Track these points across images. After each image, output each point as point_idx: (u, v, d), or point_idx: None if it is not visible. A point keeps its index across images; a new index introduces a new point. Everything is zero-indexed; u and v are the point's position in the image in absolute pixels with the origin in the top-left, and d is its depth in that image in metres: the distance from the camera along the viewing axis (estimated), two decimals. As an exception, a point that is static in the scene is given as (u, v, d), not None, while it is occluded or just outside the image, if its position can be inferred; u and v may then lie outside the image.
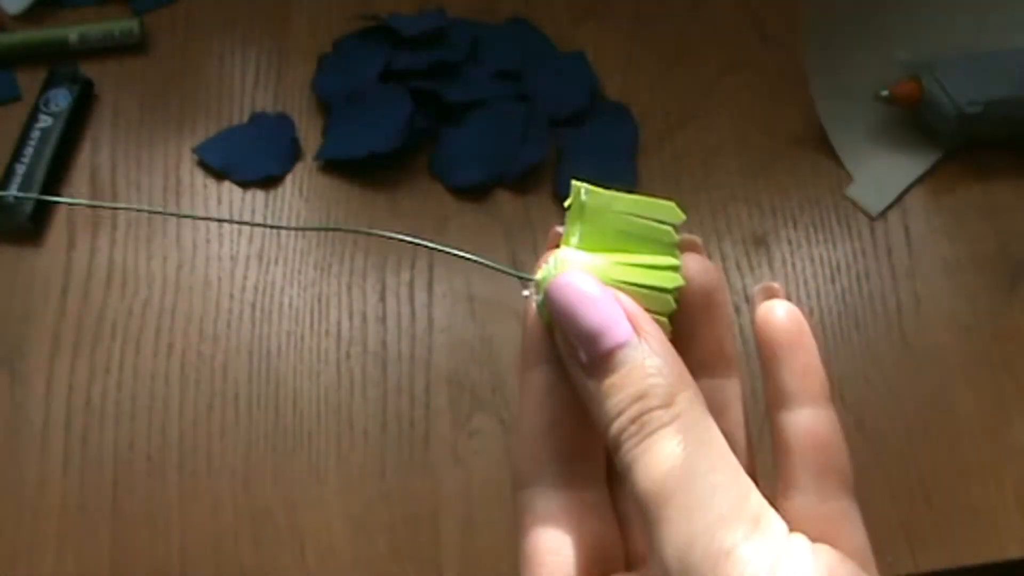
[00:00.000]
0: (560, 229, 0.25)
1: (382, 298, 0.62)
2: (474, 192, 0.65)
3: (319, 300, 0.62)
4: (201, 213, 0.65)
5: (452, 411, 0.59)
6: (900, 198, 0.65)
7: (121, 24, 0.69)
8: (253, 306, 0.62)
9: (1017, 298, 0.62)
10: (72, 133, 0.67)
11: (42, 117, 0.66)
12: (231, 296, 0.62)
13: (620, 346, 0.22)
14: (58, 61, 0.69)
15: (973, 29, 0.67)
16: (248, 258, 0.63)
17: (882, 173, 0.66)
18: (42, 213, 0.64)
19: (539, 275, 0.24)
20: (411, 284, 0.62)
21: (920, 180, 0.66)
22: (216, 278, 0.63)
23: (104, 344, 0.61)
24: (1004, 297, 0.62)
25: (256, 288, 0.62)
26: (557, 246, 0.25)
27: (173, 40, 0.71)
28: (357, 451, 0.58)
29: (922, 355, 0.60)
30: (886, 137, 0.67)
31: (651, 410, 0.21)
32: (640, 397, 0.21)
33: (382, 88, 0.67)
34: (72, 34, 0.69)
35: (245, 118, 0.68)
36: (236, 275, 0.63)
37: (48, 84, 0.67)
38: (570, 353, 0.22)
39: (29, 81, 0.69)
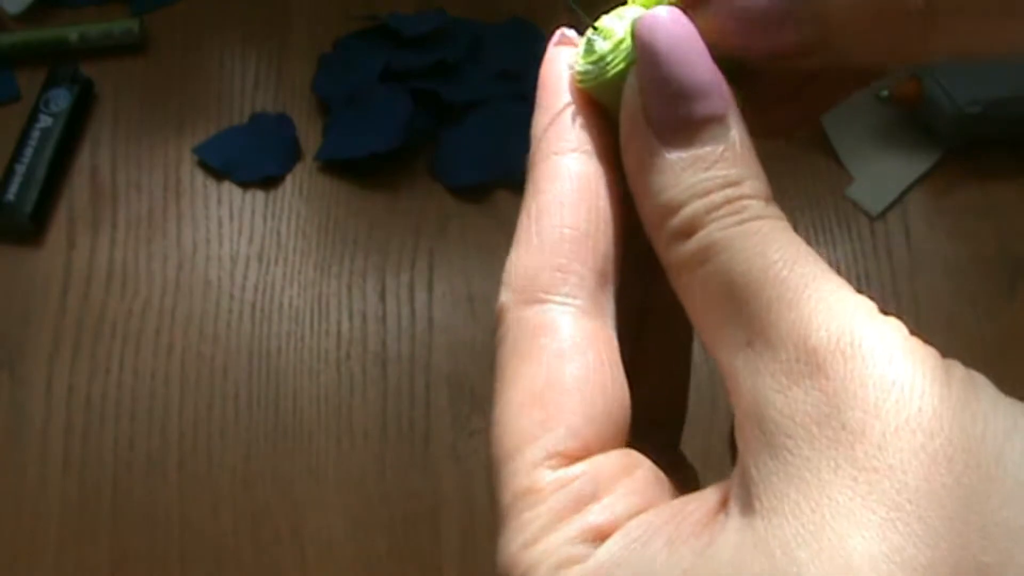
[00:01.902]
0: None
1: (382, 298, 0.62)
2: (474, 192, 0.65)
3: (319, 300, 0.62)
4: (201, 213, 0.65)
5: (452, 411, 0.59)
6: (900, 198, 0.65)
7: (121, 24, 0.69)
8: (253, 306, 0.62)
9: (1017, 298, 0.62)
10: (72, 133, 0.67)
11: (42, 117, 0.66)
12: (231, 296, 0.62)
13: (718, 119, 0.18)
14: (58, 61, 0.69)
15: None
16: (248, 258, 0.63)
17: (882, 173, 0.66)
18: (42, 213, 0.64)
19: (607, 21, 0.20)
20: (411, 284, 0.62)
21: (920, 180, 0.66)
22: (216, 278, 0.63)
23: (104, 344, 0.61)
24: (1004, 297, 0.62)
25: (256, 288, 0.62)
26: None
27: (173, 40, 0.71)
28: (357, 451, 0.58)
29: (922, 355, 0.60)
30: (886, 137, 0.67)
31: (748, 197, 0.17)
32: (737, 182, 0.17)
33: (382, 88, 0.67)
34: (72, 34, 0.69)
35: (245, 118, 0.68)
36: (236, 275, 0.63)
37: (48, 84, 0.67)
38: (654, 107, 0.18)
39: (29, 81, 0.69)
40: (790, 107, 0.22)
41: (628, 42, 0.19)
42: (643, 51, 0.18)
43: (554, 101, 0.20)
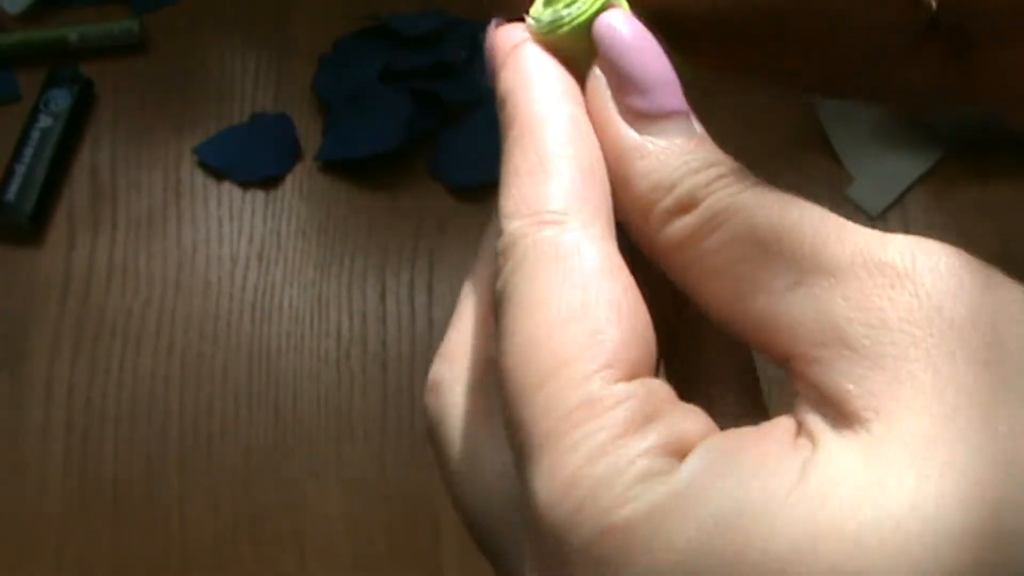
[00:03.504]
0: None
1: (382, 298, 0.62)
2: (474, 192, 0.65)
3: (319, 300, 0.62)
4: (201, 213, 0.65)
5: (452, 411, 0.59)
6: (900, 198, 0.65)
7: (121, 24, 0.69)
8: (253, 306, 0.62)
9: (1017, 298, 0.62)
10: (72, 133, 0.67)
11: (42, 117, 0.66)
12: (231, 296, 0.62)
13: (685, 113, 0.19)
14: (58, 61, 0.69)
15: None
16: (248, 258, 0.63)
17: (882, 173, 0.66)
18: (42, 213, 0.64)
19: None
20: (411, 285, 0.62)
21: (920, 180, 0.66)
22: (216, 278, 0.63)
23: (104, 344, 0.61)
24: (1004, 297, 0.62)
25: (256, 288, 0.62)
26: None
27: (173, 40, 0.71)
28: (357, 451, 0.58)
29: (922, 355, 0.60)
30: (886, 137, 0.67)
31: (739, 171, 0.18)
32: (722, 162, 0.18)
33: (382, 88, 0.67)
34: (72, 34, 0.69)
35: (245, 118, 0.68)
36: (236, 275, 0.63)
37: (48, 84, 0.67)
38: (629, 99, 0.19)
39: (29, 81, 0.69)
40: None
41: None
42: (613, 46, 0.19)
43: (524, 51, 0.21)
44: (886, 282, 0.16)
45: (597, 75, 0.19)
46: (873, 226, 0.59)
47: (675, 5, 0.21)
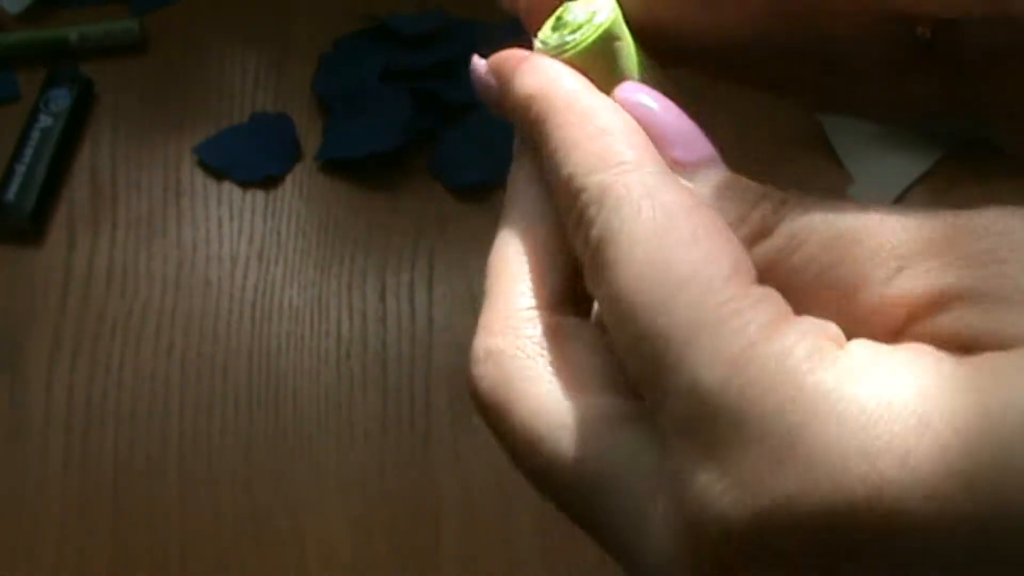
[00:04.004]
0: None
1: (382, 298, 0.62)
2: (474, 192, 0.65)
3: (319, 300, 0.62)
4: (201, 213, 0.65)
5: (452, 411, 0.59)
6: (900, 198, 0.65)
7: (121, 24, 0.69)
8: (253, 306, 0.62)
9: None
10: (72, 133, 0.67)
11: (42, 117, 0.66)
12: (231, 296, 0.62)
13: (712, 158, 0.20)
14: (58, 61, 0.69)
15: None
16: (248, 258, 0.63)
17: (882, 173, 0.66)
18: (42, 213, 0.64)
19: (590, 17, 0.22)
20: (411, 284, 0.62)
21: (920, 180, 0.66)
22: (216, 278, 0.63)
23: (104, 344, 0.60)
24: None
25: (256, 288, 0.62)
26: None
27: (173, 40, 0.71)
28: (357, 451, 0.58)
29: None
30: (886, 137, 0.67)
31: (791, 199, 0.19)
32: (766, 193, 0.19)
33: (382, 88, 0.67)
34: (72, 34, 0.69)
35: (245, 118, 0.68)
36: (236, 275, 0.63)
37: (48, 84, 0.67)
38: (660, 148, 0.20)
39: (29, 81, 0.69)
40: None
41: (604, 15, 0.21)
42: (642, 114, 0.20)
43: (537, 59, 0.22)
44: (989, 242, 0.16)
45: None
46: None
47: (672, 25, 0.22)
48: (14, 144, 0.65)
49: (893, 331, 0.17)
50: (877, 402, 0.14)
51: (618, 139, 0.19)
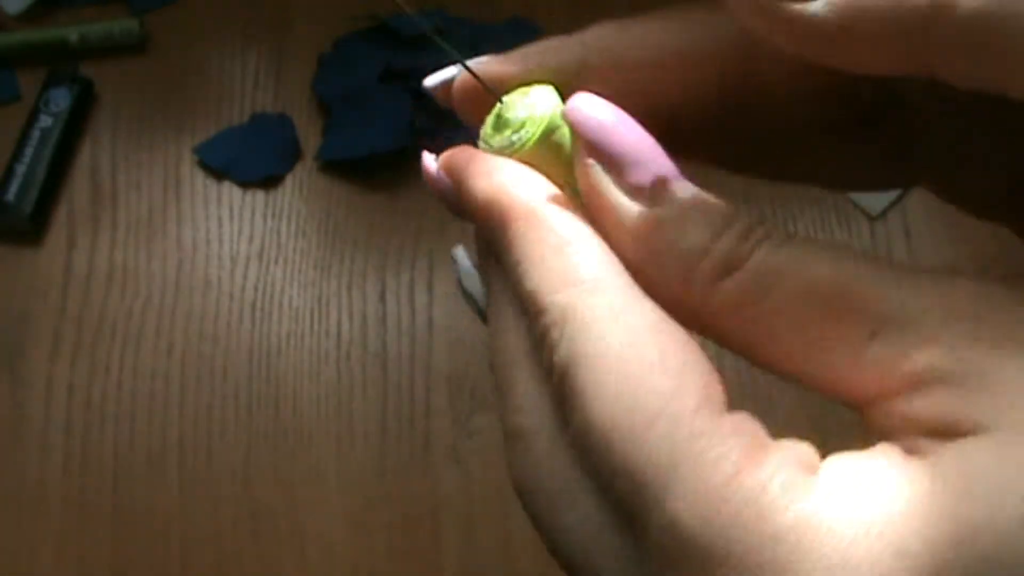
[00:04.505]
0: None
1: (382, 298, 0.62)
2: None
3: (319, 300, 0.62)
4: (201, 213, 0.65)
5: (452, 411, 0.59)
6: (900, 198, 0.65)
7: (121, 24, 0.69)
8: (253, 306, 0.62)
9: (1017, 298, 0.62)
10: (72, 133, 0.67)
11: (42, 117, 0.66)
12: (231, 296, 0.62)
13: (676, 175, 0.19)
14: (58, 61, 0.69)
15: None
16: (248, 258, 0.63)
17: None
18: (42, 213, 0.64)
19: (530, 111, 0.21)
20: (411, 284, 0.62)
21: (920, 180, 0.66)
22: (216, 278, 0.63)
23: (104, 344, 0.61)
24: (1004, 297, 0.62)
25: (256, 288, 0.62)
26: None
27: (173, 40, 0.71)
28: (357, 451, 0.58)
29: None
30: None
31: (758, 222, 0.18)
32: (737, 213, 0.18)
33: (382, 88, 0.67)
34: (72, 34, 0.69)
35: (245, 118, 0.68)
36: (236, 275, 0.63)
37: (48, 84, 0.67)
38: (623, 176, 0.19)
39: (29, 81, 0.69)
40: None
41: (544, 108, 0.21)
42: (596, 131, 0.19)
43: (489, 158, 0.21)
44: (974, 326, 0.16)
45: (591, 163, 0.19)
46: (873, 226, 0.59)
47: (619, 102, 0.21)
48: (14, 144, 0.65)
49: (864, 400, 0.17)
50: (854, 533, 0.15)
51: (580, 253, 0.19)
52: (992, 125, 0.21)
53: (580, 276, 0.18)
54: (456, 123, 0.24)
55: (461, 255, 0.24)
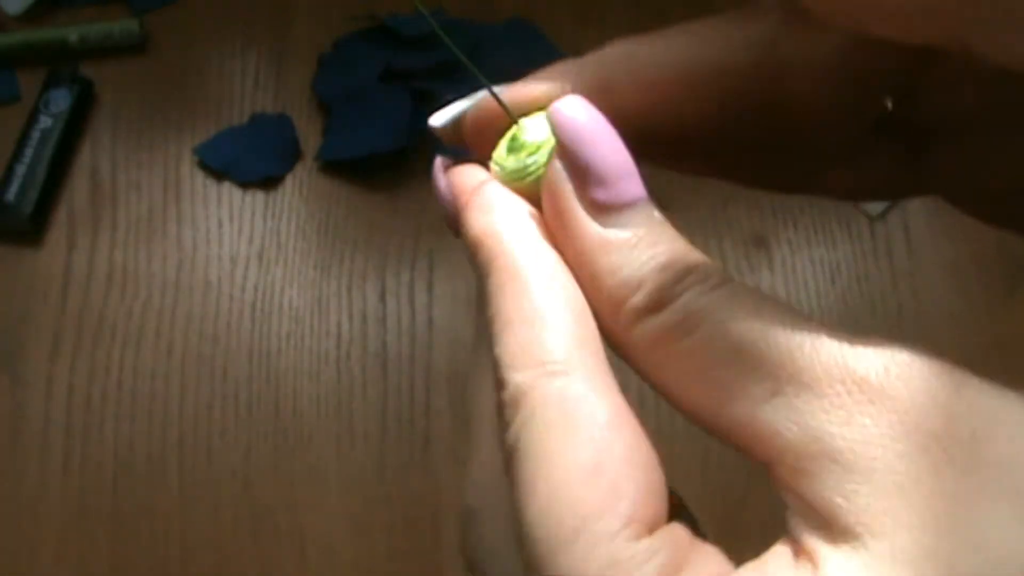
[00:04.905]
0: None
1: (382, 299, 0.62)
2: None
3: (319, 301, 0.62)
4: (201, 213, 0.65)
5: (452, 411, 0.59)
6: (893, 202, 0.65)
7: (121, 24, 0.69)
8: (253, 306, 0.62)
9: (1017, 298, 0.62)
10: (72, 134, 0.67)
11: (42, 118, 0.66)
12: (231, 297, 0.62)
13: (645, 198, 0.19)
14: (58, 61, 0.69)
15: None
16: (248, 259, 0.63)
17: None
18: (42, 213, 0.64)
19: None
20: (411, 285, 0.62)
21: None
22: (216, 278, 0.63)
23: (104, 344, 0.61)
24: (1004, 297, 0.62)
25: (256, 288, 0.62)
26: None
27: (173, 40, 0.71)
28: (357, 451, 0.58)
29: (922, 355, 0.61)
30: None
31: (705, 265, 0.18)
32: (688, 253, 0.18)
33: (382, 88, 0.67)
34: (72, 34, 0.69)
35: (245, 118, 0.68)
36: (236, 275, 0.63)
37: (48, 85, 0.67)
38: (590, 190, 0.19)
39: (29, 81, 0.69)
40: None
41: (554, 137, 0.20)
42: (572, 136, 0.19)
43: (490, 192, 0.21)
44: (864, 398, 0.16)
45: (557, 167, 0.19)
46: (873, 226, 0.59)
47: (633, 121, 0.21)
48: (14, 144, 0.65)
49: (762, 458, 0.17)
50: None
51: (552, 328, 0.18)
52: (1006, 133, 0.21)
53: (544, 356, 0.18)
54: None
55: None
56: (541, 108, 0.21)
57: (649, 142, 0.21)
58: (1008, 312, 0.62)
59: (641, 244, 0.18)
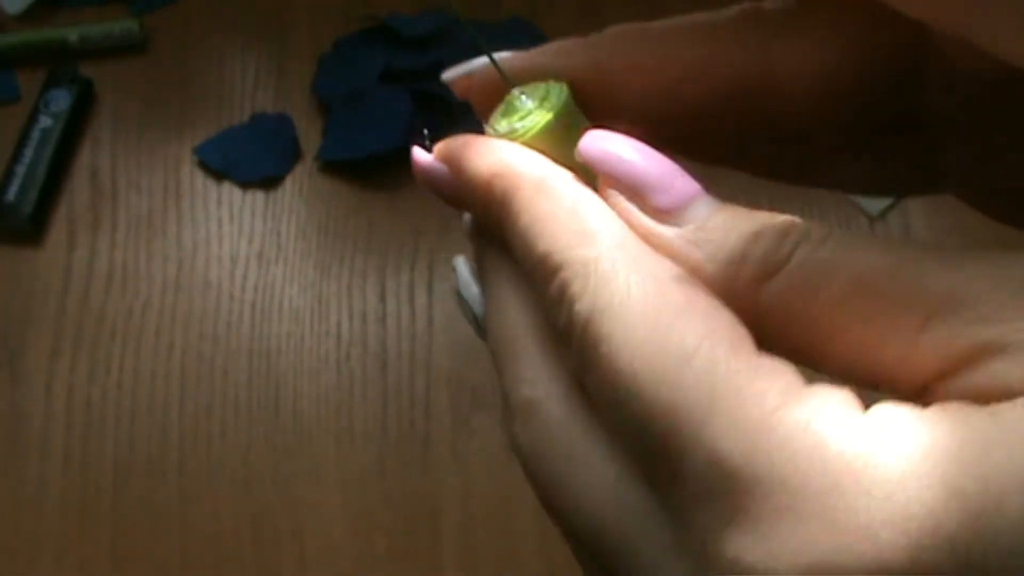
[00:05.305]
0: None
1: (382, 299, 0.62)
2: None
3: (319, 301, 0.62)
4: (201, 214, 0.65)
5: (452, 411, 0.59)
6: (900, 198, 0.65)
7: (121, 24, 0.69)
8: (253, 306, 0.62)
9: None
10: (72, 134, 0.67)
11: (42, 118, 0.66)
12: (231, 297, 0.62)
13: (697, 194, 0.19)
14: (58, 61, 0.69)
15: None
16: (248, 259, 0.63)
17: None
18: (42, 214, 0.64)
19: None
20: (411, 285, 0.62)
21: (920, 180, 0.66)
22: (216, 279, 0.63)
23: (104, 344, 0.61)
24: (1004, 297, 0.62)
25: (256, 289, 0.62)
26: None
27: (173, 40, 0.71)
28: (357, 451, 0.58)
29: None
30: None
31: (793, 230, 0.18)
32: (764, 222, 0.18)
33: (382, 88, 0.67)
34: (72, 34, 0.69)
35: (245, 118, 0.68)
36: (236, 276, 0.63)
37: (48, 85, 0.67)
38: (650, 200, 0.19)
39: (29, 81, 0.69)
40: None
41: (552, 100, 0.21)
42: (608, 163, 0.19)
43: (501, 145, 0.21)
44: (1022, 286, 0.16)
45: (614, 195, 0.20)
46: (873, 226, 0.59)
47: (635, 103, 0.21)
48: (14, 144, 0.65)
49: (920, 385, 0.17)
50: (907, 466, 0.14)
51: (595, 212, 0.19)
52: (1015, 130, 0.21)
53: (598, 231, 0.18)
54: (457, 124, 0.24)
55: (461, 265, 0.25)
56: (540, 80, 0.22)
57: (646, 124, 0.21)
58: (1008, 312, 0.62)
59: (723, 226, 0.18)
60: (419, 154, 0.23)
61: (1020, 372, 0.15)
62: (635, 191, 0.19)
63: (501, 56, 0.23)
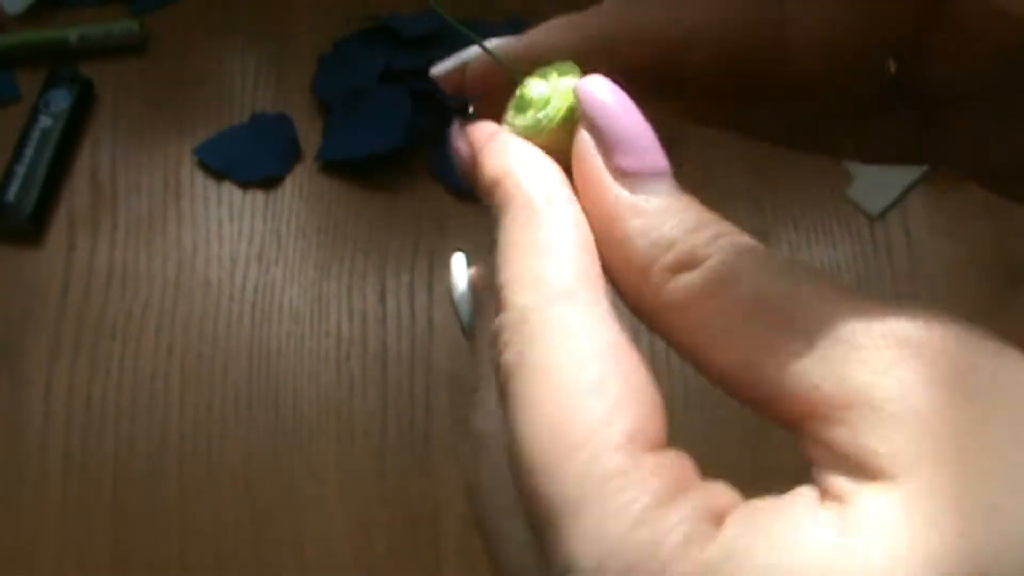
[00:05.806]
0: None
1: (382, 299, 0.62)
2: (474, 192, 0.65)
3: (319, 301, 0.62)
4: (201, 214, 0.65)
5: (452, 411, 0.59)
6: (900, 198, 0.65)
7: (121, 24, 0.69)
8: (253, 307, 0.62)
9: (1017, 298, 0.62)
10: (72, 134, 0.67)
11: (42, 118, 0.66)
12: (231, 297, 0.62)
13: (664, 173, 0.19)
14: (58, 61, 0.69)
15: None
16: (248, 259, 0.63)
17: (882, 173, 0.66)
18: (42, 214, 0.64)
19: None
20: (411, 285, 0.62)
21: (920, 180, 0.66)
22: (216, 279, 0.63)
23: (104, 344, 0.61)
24: (1004, 297, 0.62)
25: (256, 289, 0.62)
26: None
27: (173, 40, 0.71)
28: (357, 451, 0.58)
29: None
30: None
31: (730, 235, 0.18)
32: (715, 219, 0.19)
33: (382, 88, 0.67)
34: (72, 34, 0.69)
35: (245, 118, 0.68)
36: (236, 276, 0.63)
37: (48, 85, 0.67)
38: (619, 159, 0.19)
39: (29, 81, 0.69)
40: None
41: (568, 84, 0.21)
42: (598, 110, 0.20)
43: (506, 137, 0.21)
44: (906, 352, 0.16)
45: (585, 137, 0.20)
46: (873, 226, 0.59)
47: (644, 67, 0.21)
48: (14, 144, 0.65)
49: (792, 418, 0.17)
50: None
51: (559, 259, 0.19)
52: (1014, 104, 0.21)
53: (550, 282, 0.18)
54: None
55: (456, 262, 0.25)
56: (543, 65, 0.22)
57: (650, 90, 0.21)
58: (1008, 313, 0.62)
59: (671, 208, 0.19)
60: (457, 130, 0.23)
61: (873, 440, 0.15)
62: (608, 145, 0.19)
63: (497, 42, 0.23)
